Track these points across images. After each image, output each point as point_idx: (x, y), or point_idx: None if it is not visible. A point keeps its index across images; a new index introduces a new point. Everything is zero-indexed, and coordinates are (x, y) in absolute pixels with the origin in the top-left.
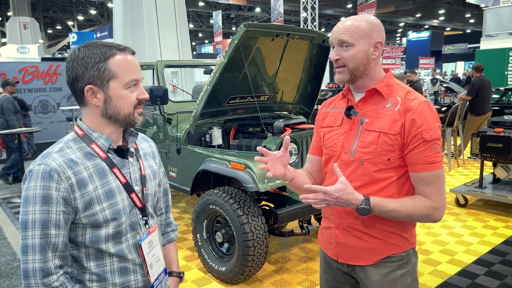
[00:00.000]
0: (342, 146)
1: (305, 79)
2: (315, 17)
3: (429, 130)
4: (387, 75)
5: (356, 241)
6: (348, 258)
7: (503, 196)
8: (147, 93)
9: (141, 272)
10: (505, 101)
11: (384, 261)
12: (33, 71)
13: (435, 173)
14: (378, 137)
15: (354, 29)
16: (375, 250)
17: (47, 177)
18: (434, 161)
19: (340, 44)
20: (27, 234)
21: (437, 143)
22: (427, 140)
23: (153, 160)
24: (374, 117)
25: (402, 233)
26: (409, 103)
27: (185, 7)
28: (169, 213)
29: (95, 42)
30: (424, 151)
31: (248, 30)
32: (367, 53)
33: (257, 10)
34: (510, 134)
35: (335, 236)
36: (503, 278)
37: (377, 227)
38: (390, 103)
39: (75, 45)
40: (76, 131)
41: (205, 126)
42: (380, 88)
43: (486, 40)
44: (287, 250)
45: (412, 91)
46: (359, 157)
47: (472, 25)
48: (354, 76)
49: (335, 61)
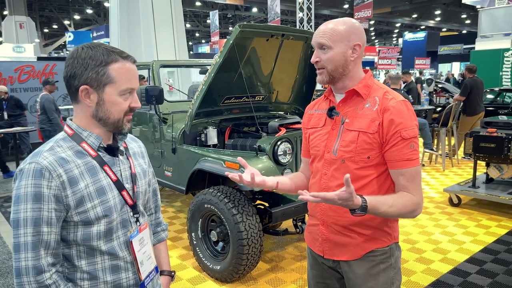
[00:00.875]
0: (325, 146)
1: (300, 79)
2: (311, 18)
3: (407, 128)
4: (366, 76)
5: (341, 237)
6: (333, 254)
7: (495, 195)
8: (139, 102)
9: (132, 270)
10: (500, 101)
11: (368, 255)
12: (29, 70)
13: (413, 169)
14: (357, 136)
15: (332, 32)
16: (359, 245)
17: (38, 175)
18: (411, 158)
19: (319, 46)
20: (19, 232)
21: (414, 141)
22: (405, 138)
23: (142, 159)
24: (354, 117)
25: (385, 228)
26: (387, 103)
27: (181, 7)
28: (159, 213)
29: (99, 45)
30: (402, 149)
31: (243, 31)
32: (345, 55)
33: (254, 10)
34: (503, 134)
35: (321, 232)
36: (494, 276)
37: (361, 223)
38: (369, 103)
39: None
40: (66, 130)
41: (201, 126)
42: (359, 89)
43: (481, 40)
44: (281, 248)
45: (390, 91)
46: (340, 156)
47: (468, 26)
48: (333, 78)
49: (315, 63)
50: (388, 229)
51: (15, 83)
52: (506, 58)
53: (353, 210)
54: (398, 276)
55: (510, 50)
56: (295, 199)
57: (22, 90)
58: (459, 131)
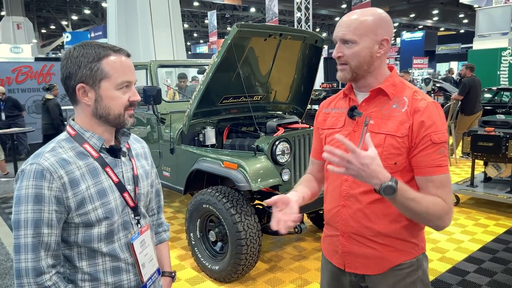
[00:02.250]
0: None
1: (298, 79)
2: (309, 17)
3: (438, 132)
4: (392, 74)
5: (364, 249)
6: (356, 267)
7: (493, 194)
8: (139, 95)
9: (134, 272)
10: (497, 100)
11: (394, 268)
12: (27, 71)
13: (443, 176)
14: (384, 140)
15: (358, 24)
16: (384, 258)
17: (39, 176)
18: (441, 165)
19: (342, 41)
20: (20, 234)
21: (444, 146)
22: (435, 142)
23: (145, 160)
24: (379, 119)
25: (411, 238)
26: (417, 104)
27: (179, 7)
28: (161, 213)
29: (91, 42)
30: (432, 154)
31: (241, 30)
32: (371, 51)
33: (252, 10)
34: (501, 133)
35: (341, 244)
36: (493, 275)
37: (385, 233)
38: (396, 104)
39: (69, 45)
40: (69, 131)
41: (199, 126)
42: (386, 88)
43: (478, 40)
44: (280, 248)
45: (419, 91)
46: None
47: (466, 25)
48: (357, 75)
49: (337, 58)
50: (414, 239)
51: (13, 84)
52: (503, 57)
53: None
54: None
55: (508, 49)
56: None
57: (19, 91)
58: (457, 130)
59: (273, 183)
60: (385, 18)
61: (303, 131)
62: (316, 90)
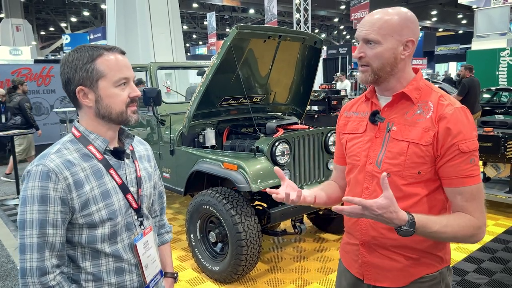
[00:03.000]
0: (366, 155)
1: (297, 80)
2: (308, 19)
3: (466, 140)
4: (417, 77)
5: (385, 261)
6: (375, 279)
7: (493, 194)
8: (139, 91)
9: (137, 272)
10: (496, 101)
11: (415, 282)
12: (26, 73)
13: (474, 187)
14: (407, 148)
15: (382, 23)
16: (405, 270)
17: (45, 177)
18: (471, 175)
19: (365, 40)
20: (25, 234)
21: (474, 155)
22: (464, 152)
23: (148, 163)
24: (402, 125)
25: (436, 251)
26: (443, 110)
27: (178, 9)
28: (164, 215)
29: (84, 46)
30: (460, 164)
31: (240, 32)
32: (395, 52)
33: (251, 11)
34: (499, 133)
35: (361, 254)
36: (492, 274)
37: (408, 245)
38: (421, 109)
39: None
40: (74, 133)
41: (198, 127)
42: (409, 92)
43: (477, 40)
44: (280, 249)
45: (445, 95)
46: (385, 169)
47: (464, 26)
48: (379, 77)
49: (358, 59)
50: (439, 252)
51: None
52: (502, 58)
53: (399, 228)
54: None
55: (506, 49)
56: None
57: None
58: None
59: (273, 184)
60: (411, 18)
61: (303, 132)
62: (315, 91)
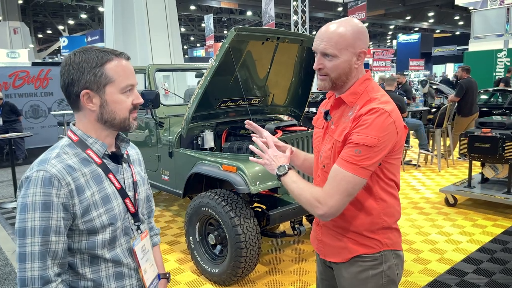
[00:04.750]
0: (318, 148)
1: (295, 82)
2: (306, 20)
3: (360, 134)
4: (356, 82)
5: (332, 239)
6: (325, 254)
7: (491, 195)
8: (141, 98)
9: (136, 277)
10: (494, 102)
11: (356, 260)
12: (24, 76)
13: (341, 171)
14: (333, 144)
15: (338, 38)
16: (346, 248)
17: (48, 183)
18: (349, 161)
19: (322, 54)
20: (26, 242)
21: (361, 148)
22: (354, 142)
23: (140, 167)
24: (337, 124)
25: (370, 234)
26: (361, 110)
27: (176, 11)
28: (151, 218)
29: (91, 47)
30: (347, 149)
31: (238, 34)
32: (349, 63)
33: (249, 13)
34: (497, 134)
35: (316, 233)
36: (491, 275)
37: (347, 228)
38: (352, 111)
39: (65, 49)
40: (71, 137)
41: (197, 129)
42: (345, 97)
43: (474, 42)
44: (279, 251)
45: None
46: (321, 161)
47: (461, 27)
48: (336, 85)
49: (318, 70)
50: (376, 236)
51: (10, 89)
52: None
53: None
54: (392, 285)
55: (503, 51)
56: (293, 201)
57: (16, 96)
58: (454, 132)
59: (272, 186)
60: (362, 30)
61: (301, 133)
62: (314, 92)
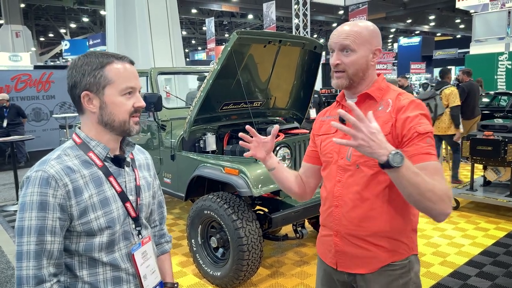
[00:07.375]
0: (338, 152)
1: (297, 85)
2: (307, 24)
3: (421, 124)
4: (378, 79)
5: (356, 249)
6: (347, 266)
7: (493, 198)
8: (143, 101)
9: (134, 282)
10: (495, 105)
11: (386, 269)
12: (26, 79)
13: (435, 164)
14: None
15: (357, 35)
16: (376, 257)
17: (45, 183)
18: (430, 153)
19: (341, 49)
20: (23, 241)
21: (430, 136)
22: (420, 133)
23: (148, 172)
24: None
25: (402, 238)
26: (400, 103)
27: (178, 14)
28: (163, 224)
29: (95, 52)
30: (419, 142)
31: (240, 37)
32: (367, 60)
33: (250, 17)
34: (499, 137)
35: (334, 244)
36: (494, 279)
37: (376, 233)
38: (382, 106)
39: (67, 53)
40: (74, 139)
41: (199, 132)
42: (372, 92)
43: (475, 45)
44: (281, 254)
45: (404, 93)
46: (354, 161)
47: (462, 30)
48: (353, 82)
49: (335, 66)
50: (405, 239)
51: (12, 92)
52: (500, 62)
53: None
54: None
55: (505, 54)
56: (295, 204)
57: (19, 99)
58: None
59: (274, 189)
60: (377, 30)
61: (304, 136)
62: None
